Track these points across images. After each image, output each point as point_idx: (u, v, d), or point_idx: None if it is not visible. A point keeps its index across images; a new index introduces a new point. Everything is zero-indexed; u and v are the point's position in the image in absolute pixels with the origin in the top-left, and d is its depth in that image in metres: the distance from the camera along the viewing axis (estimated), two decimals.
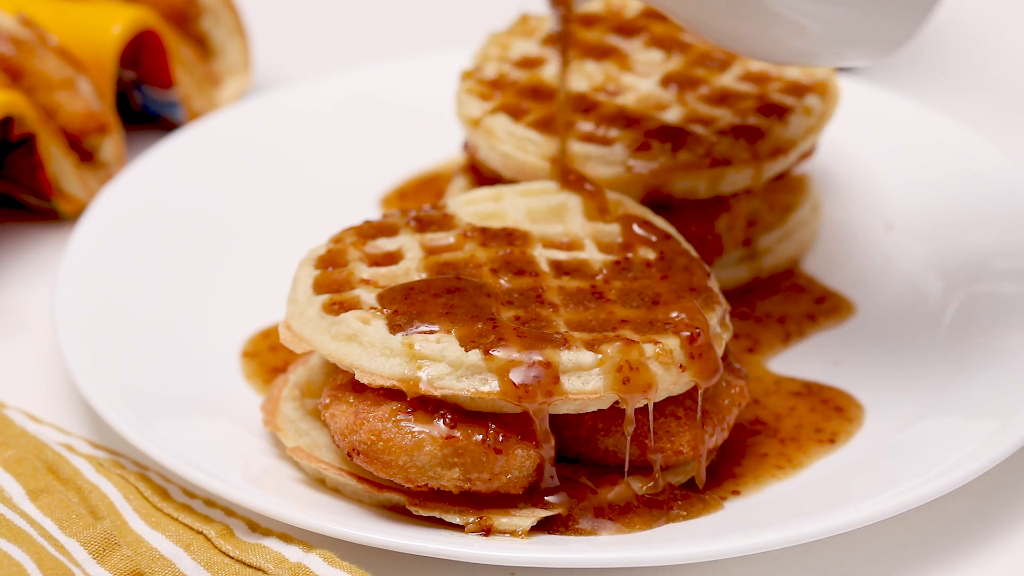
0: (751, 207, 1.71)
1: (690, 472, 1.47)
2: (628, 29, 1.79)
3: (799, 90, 1.73)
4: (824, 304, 1.72)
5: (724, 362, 1.48)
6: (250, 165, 1.87)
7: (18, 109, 1.76)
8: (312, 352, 1.52)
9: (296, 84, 1.99)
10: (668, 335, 1.42)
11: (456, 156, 1.90)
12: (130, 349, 1.60)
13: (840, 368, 1.63)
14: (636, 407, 1.41)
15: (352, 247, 1.52)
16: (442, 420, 1.40)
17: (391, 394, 1.41)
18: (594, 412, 1.43)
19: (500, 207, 1.57)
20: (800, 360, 1.65)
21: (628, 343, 1.40)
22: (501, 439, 1.39)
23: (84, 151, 1.86)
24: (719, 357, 1.45)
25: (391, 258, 1.51)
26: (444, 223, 1.55)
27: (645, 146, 1.65)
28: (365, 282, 1.48)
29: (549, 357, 1.39)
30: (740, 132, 1.67)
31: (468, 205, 1.57)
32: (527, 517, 1.41)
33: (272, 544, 1.41)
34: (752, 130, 1.67)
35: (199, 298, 1.70)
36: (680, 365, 1.42)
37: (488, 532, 1.41)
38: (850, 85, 1.91)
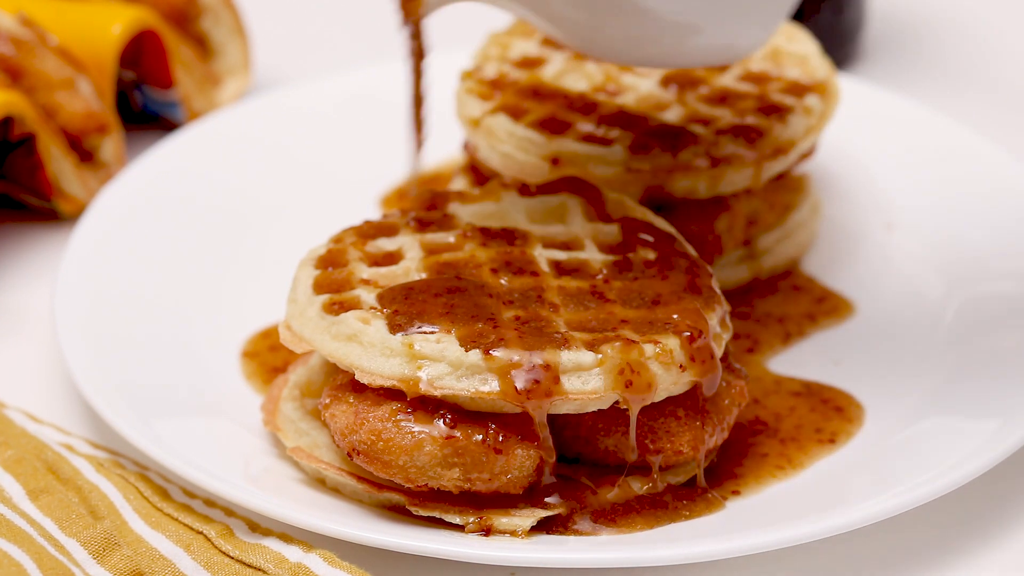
0: (751, 207, 1.71)
1: (690, 472, 1.47)
2: None
3: (799, 90, 1.73)
4: (824, 304, 1.72)
5: (724, 362, 1.48)
6: (250, 165, 1.88)
7: (18, 109, 1.76)
8: (312, 352, 1.52)
9: (296, 84, 1.99)
10: (668, 335, 1.42)
11: (456, 156, 1.90)
12: (130, 349, 1.60)
13: (840, 368, 1.63)
14: (637, 407, 1.41)
15: (352, 247, 1.52)
16: (442, 420, 1.40)
17: (391, 394, 1.41)
18: (594, 412, 1.43)
19: (500, 207, 1.57)
20: (800, 360, 1.65)
21: (628, 343, 1.40)
22: (501, 439, 1.39)
23: (84, 151, 1.86)
24: (719, 357, 1.45)
25: (391, 258, 1.51)
26: (444, 223, 1.55)
27: (645, 146, 1.65)
28: (365, 282, 1.48)
29: (549, 357, 1.39)
30: (740, 132, 1.67)
31: (467, 205, 1.57)
32: (527, 517, 1.41)
33: (272, 544, 1.41)
34: (752, 130, 1.67)
35: (199, 298, 1.70)
36: (680, 365, 1.42)
37: (488, 532, 1.41)
38: (850, 85, 1.91)
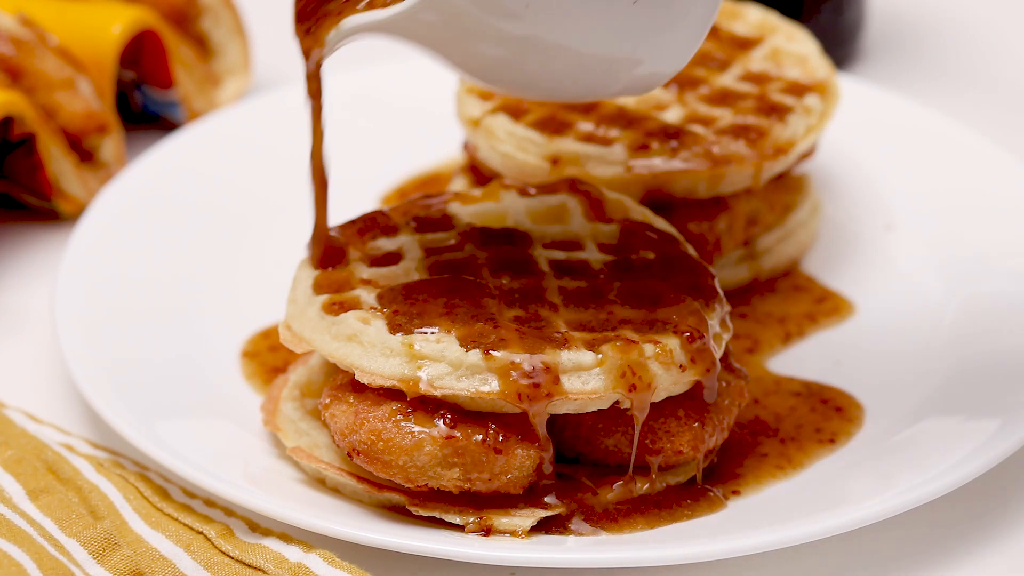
0: (751, 207, 1.71)
1: (690, 472, 1.47)
2: None
3: (799, 90, 1.73)
4: (824, 304, 1.72)
5: (724, 362, 1.48)
6: (250, 165, 1.87)
7: (18, 109, 1.76)
8: (312, 352, 1.52)
9: (296, 84, 1.99)
10: (668, 335, 1.42)
11: (456, 156, 1.90)
12: (130, 349, 1.60)
13: (840, 368, 1.63)
14: (632, 407, 1.41)
15: (352, 247, 1.52)
16: (442, 420, 1.40)
17: (391, 394, 1.41)
18: (594, 412, 1.43)
19: (500, 207, 1.57)
20: (800, 360, 1.65)
21: (628, 343, 1.40)
22: (501, 439, 1.39)
23: (84, 151, 1.86)
24: (719, 357, 1.45)
25: (391, 258, 1.51)
26: (444, 223, 1.55)
27: (645, 146, 1.65)
28: (365, 282, 1.48)
29: (549, 357, 1.39)
30: (740, 132, 1.67)
31: (467, 205, 1.57)
32: (527, 517, 1.41)
33: (272, 544, 1.41)
34: (752, 130, 1.67)
35: (199, 298, 1.70)
36: (680, 365, 1.41)
37: (488, 532, 1.41)
38: (850, 85, 1.91)
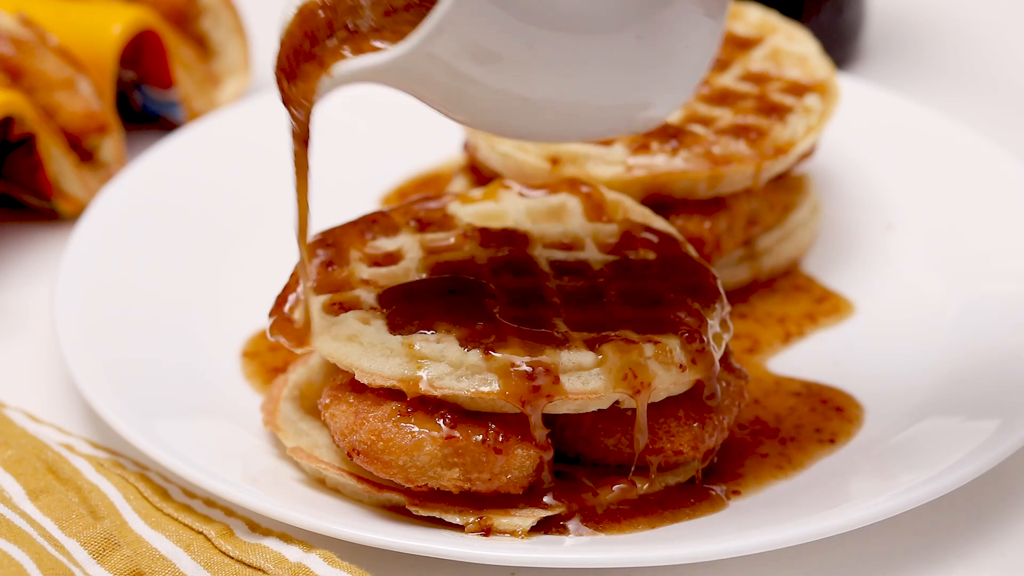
0: (751, 207, 1.71)
1: (690, 472, 1.47)
2: None
3: (799, 90, 1.73)
4: (824, 304, 1.72)
5: (724, 362, 1.48)
6: (250, 165, 1.87)
7: (18, 109, 1.76)
8: (312, 352, 1.52)
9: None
10: (668, 335, 1.42)
11: (456, 156, 1.90)
12: (130, 349, 1.60)
13: (840, 368, 1.63)
14: (636, 407, 1.41)
15: (352, 248, 1.52)
16: (442, 420, 1.40)
17: (391, 394, 1.41)
18: (594, 412, 1.43)
19: (500, 207, 1.57)
20: (800, 360, 1.65)
21: (628, 343, 1.40)
22: (501, 439, 1.39)
23: (84, 151, 1.86)
24: (719, 357, 1.45)
25: (391, 258, 1.51)
26: (444, 223, 1.55)
27: (645, 146, 1.65)
28: (365, 282, 1.48)
29: (549, 357, 1.39)
30: (740, 132, 1.67)
31: (467, 205, 1.57)
32: (527, 517, 1.41)
33: (272, 544, 1.41)
34: (752, 130, 1.67)
35: (199, 298, 1.70)
36: (680, 365, 1.41)
37: (488, 532, 1.41)
38: (850, 85, 1.91)
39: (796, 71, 1.76)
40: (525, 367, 1.38)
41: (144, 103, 1.98)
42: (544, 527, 1.42)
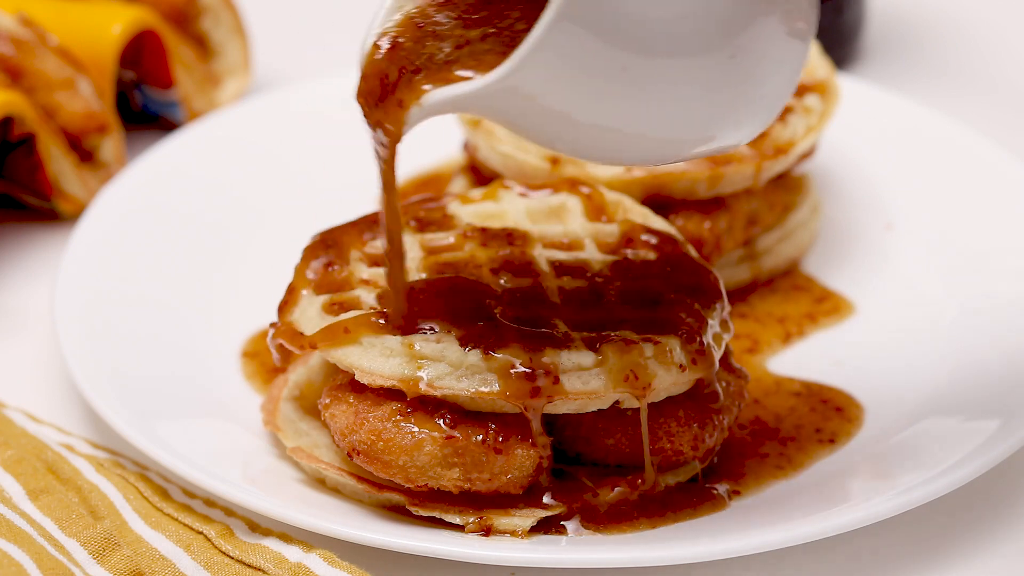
0: (751, 207, 1.71)
1: (690, 472, 1.47)
2: None
3: (799, 90, 1.73)
4: (824, 304, 1.72)
5: (724, 362, 1.48)
6: (250, 165, 1.87)
7: (18, 109, 1.76)
8: (312, 352, 1.52)
9: (296, 84, 1.99)
10: (668, 335, 1.42)
11: (456, 156, 1.90)
12: (130, 349, 1.60)
13: (840, 368, 1.63)
14: (639, 407, 1.41)
15: (352, 248, 1.52)
16: (442, 420, 1.40)
17: (391, 394, 1.41)
18: (594, 412, 1.43)
19: (500, 207, 1.57)
20: (800, 360, 1.65)
21: (628, 343, 1.40)
22: (501, 439, 1.39)
23: (84, 151, 1.86)
24: (719, 357, 1.45)
25: None
26: (444, 223, 1.55)
27: None
28: (365, 282, 1.48)
29: (549, 357, 1.39)
30: None
31: (467, 205, 1.57)
32: (527, 517, 1.41)
33: (272, 544, 1.41)
34: None
35: (199, 298, 1.70)
36: (680, 365, 1.41)
37: (488, 532, 1.41)
38: (850, 85, 1.91)
39: None
40: (525, 367, 1.38)
41: (144, 103, 1.98)
42: (544, 527, 1.42)
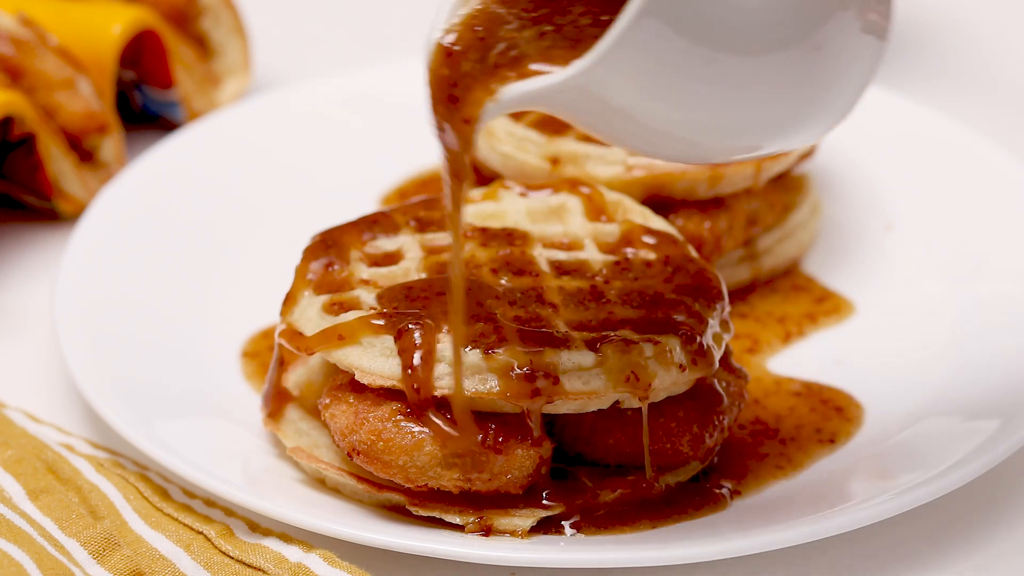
0: (751, 207, 1.71)
1: (690, 472, 1.47)
2: None
3: None
4: (824, 304, 1.72)
5: (724, 362, 1.48)
6: (250, 165, 1.87)
7: (18, 109, 1.76)
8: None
9: (296, 84, 1.99)
10: (668, 335, 1.42)
11: None
12: (130, 349, 1.60)
13: (840, 368, 1.63)
14: (640, 407, 1.41)
15: (352, 248, 1.52)
16: (442, 420, 1.40)
17: (391, 394, 1.41)
18: (594, 412, 1.43)
19: (500, 207, 1.57)
20: (800, 360, 1.65)
21: (628, 343, 1.40)
22: (501, 439, 1.39)
23: (84, 151, 1.86)
24: (719, 357, 1.45)
25: (391, 258, 1.51)
26: (444, 223, 1.55)
27: None
28: (365, 282, 1.48)
29: (549, 357, 1.39)
30: None
31: (468, 205, 1.57)
32: (527, 517, 1.41)
33: (272, 544, 1.41)
34: None
35: (199, 298, 1.70)
36: (680, 365, 1.41)
37: (488, 532, 1.41)
38: None
39: None
40: (525, 368, 1.38)
41: (144, 103, 1.98)
42: (544, 527, 1.42)
